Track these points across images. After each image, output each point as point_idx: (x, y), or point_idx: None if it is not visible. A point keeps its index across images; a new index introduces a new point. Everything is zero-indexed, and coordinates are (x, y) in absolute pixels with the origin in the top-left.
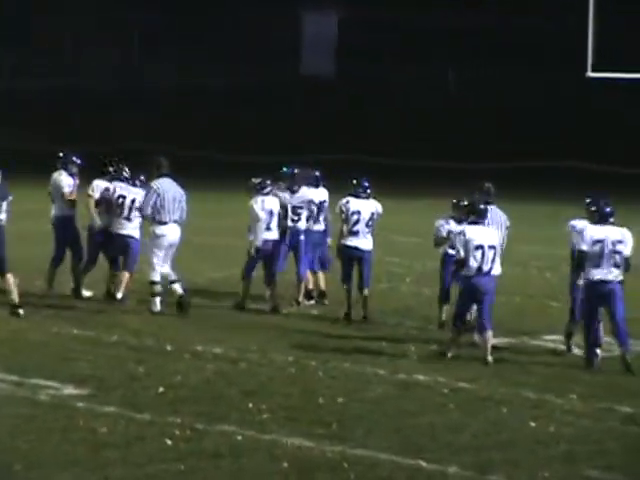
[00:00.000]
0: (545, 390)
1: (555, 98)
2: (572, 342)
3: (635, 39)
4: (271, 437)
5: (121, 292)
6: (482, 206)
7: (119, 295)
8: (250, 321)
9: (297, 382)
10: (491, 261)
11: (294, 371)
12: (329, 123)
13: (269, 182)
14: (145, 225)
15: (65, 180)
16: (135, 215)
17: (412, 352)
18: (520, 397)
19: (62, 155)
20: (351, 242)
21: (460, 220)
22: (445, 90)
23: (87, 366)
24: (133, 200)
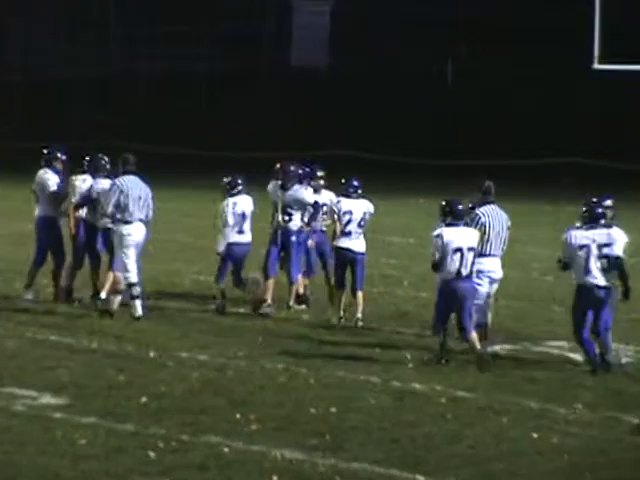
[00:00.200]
0: (548, 399)
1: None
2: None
3: None
4: (260, 449)
5: (105, 292)
6: (460, 207)
7: (103, 295)
8: (237, 326)
9: (287, 391)
10: (470, 264)
11: (284, 379)
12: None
13: (240, 181)
14: None
15: (52, 178)
16: None
17: (408, 359)
18: (522, 407)
19: (46, 152)
20: (343, 243)
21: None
22: (443, 82)
23: (65, 374)
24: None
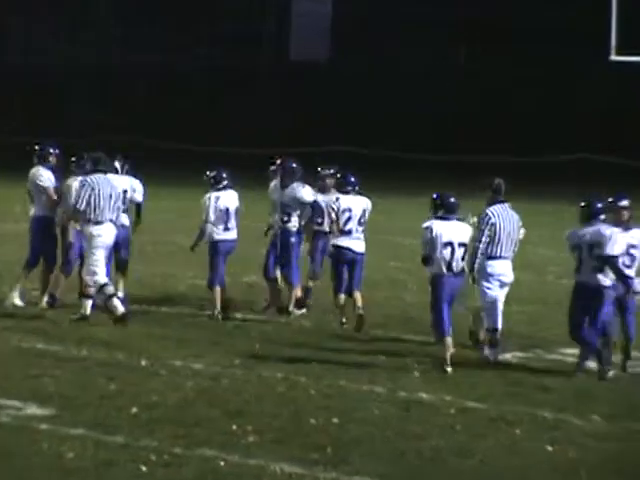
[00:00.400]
0: (563, 409)
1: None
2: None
3: None
4: (258, 462)
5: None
6: (453, 200)
7: (121, 294)
8: (234, 333)
9: (286, 401)
10: (461, 259)
11: (283, 389)
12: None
13: (225, 175)
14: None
15: (45, 174)
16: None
17: (415, 368)
18: (535, 417)
19: (38, 148)
20: (343, 242)
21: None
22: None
23: (52, 383)
24: (125, 191)
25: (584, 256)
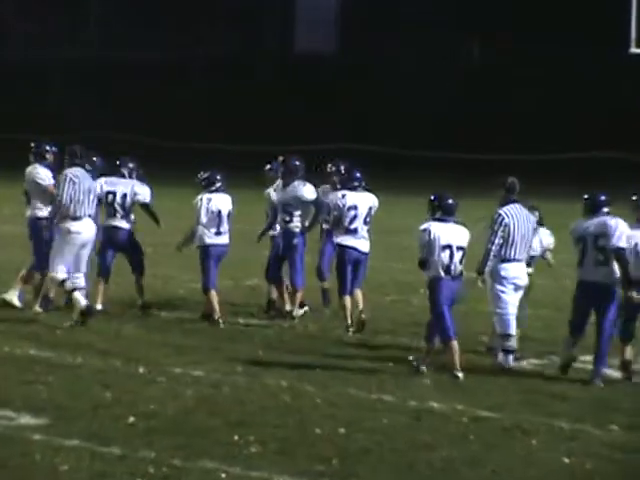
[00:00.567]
0: (581, 419)
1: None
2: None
3: None
4: (260, 475)
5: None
6: (451, 201)
7: (99, 306)
8: (236, 338)
9: (291, 410)
10: (459, 263)
11: (287, 398)
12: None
13: (218, 177)
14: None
15: (42, 172)
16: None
17: (425, 375)
18: (551, 427)
19: (34, 145)
20: (349, 242)
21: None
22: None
23: (45, 392)
24: (124, 195)
25: (588, 249)
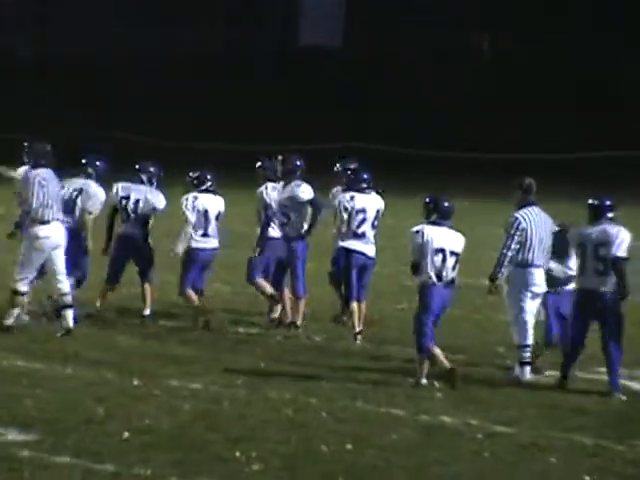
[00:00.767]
0: (602, 434)
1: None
2: None
3: None
4: None
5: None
6: (447, 204)
7: (147, 311)
8: (236, 349)
9: (295, 425)
10: (452, 269)
11: (291, 412)
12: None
13: (209, 176)
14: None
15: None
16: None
17: (437, 388)
18: (572, 443)
19: (27, 145)
20: (356, 246)
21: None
22: (476, 64)
23: (35, 406)
24: (137, 200)
25: (588, 256)
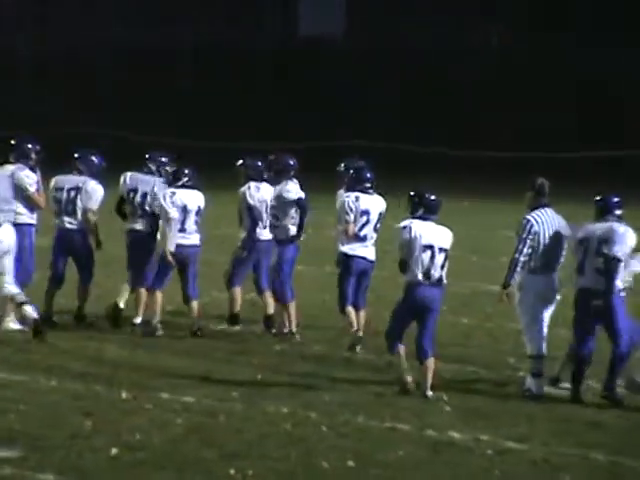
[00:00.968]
0: (619, 451)
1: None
2: None
3: None
4: None
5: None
6: (433, 198)
7: (138, 319)
8: (231, 360)
9: (294, 441)
10: (440, 267)
11: (290, 426)
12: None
13: (187, 172)
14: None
15: (28, 176)
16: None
17: (445, 402)
18: (587, 460)
19: (16, 143)
20: (357, 251)
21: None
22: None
23: (17, 420)
24: (145, 194)
25: (590, 252)
